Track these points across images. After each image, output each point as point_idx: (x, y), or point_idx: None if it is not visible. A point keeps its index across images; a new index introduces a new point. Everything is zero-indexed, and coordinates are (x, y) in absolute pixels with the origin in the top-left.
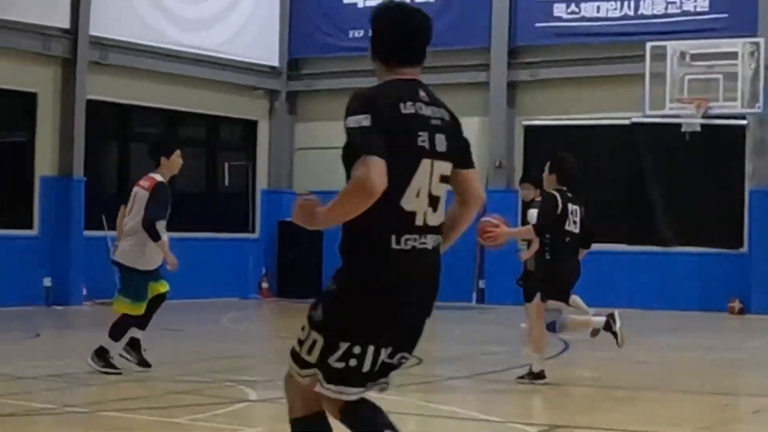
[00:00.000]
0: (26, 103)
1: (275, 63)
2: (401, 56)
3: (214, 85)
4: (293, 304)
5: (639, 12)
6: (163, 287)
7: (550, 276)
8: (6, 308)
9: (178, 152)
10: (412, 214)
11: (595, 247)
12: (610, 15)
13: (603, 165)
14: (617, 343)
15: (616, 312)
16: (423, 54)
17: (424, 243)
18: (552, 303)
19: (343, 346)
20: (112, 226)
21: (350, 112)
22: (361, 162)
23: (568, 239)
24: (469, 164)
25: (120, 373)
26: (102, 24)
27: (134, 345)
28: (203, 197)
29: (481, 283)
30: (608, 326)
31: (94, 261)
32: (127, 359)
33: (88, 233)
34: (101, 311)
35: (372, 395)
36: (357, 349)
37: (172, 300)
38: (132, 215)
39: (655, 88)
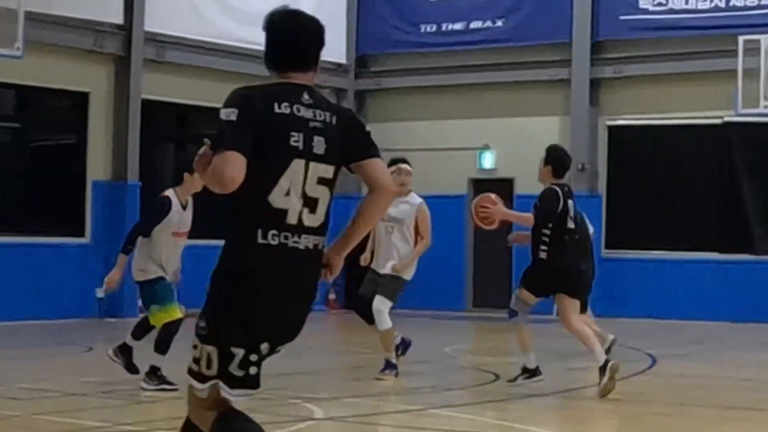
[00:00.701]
0: (78, 103)
1: (342, 60)
2: (289, 61)
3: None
4: (345, 313)
5: (731, 3)
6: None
7: (541, 274)
8: (58, 321)
9: None
10: (283, 212)
11: (682, 255)
12: (699, 7)
13: (692, 167)
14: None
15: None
16: (310, 59)
17: (296, 242)
18: (527, 295)
19: (238, 352)
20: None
21: (224, 105)
22: (218, 154)
23: (567, 237)
24: (368, 154)
25: (177, 389)
26: (157, 19)
27: (124, 350)
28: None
29: None
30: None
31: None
32: (113, 360)
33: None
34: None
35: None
36: (253, 357)
37: None
38: None
39: (748, 85)
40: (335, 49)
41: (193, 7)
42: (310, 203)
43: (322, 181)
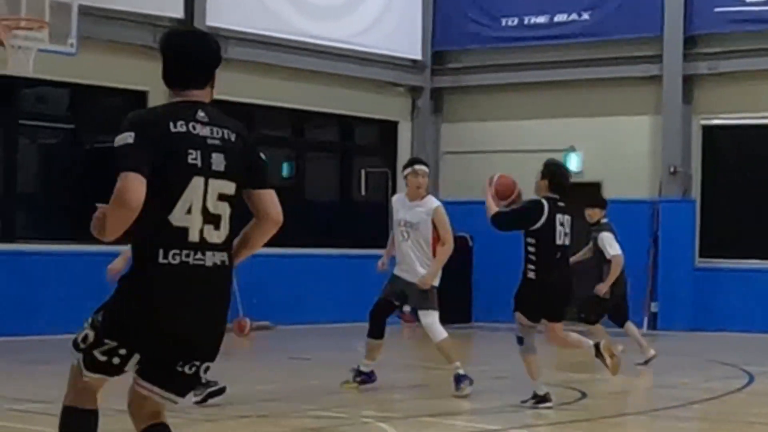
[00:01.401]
0: (135, 102)
1: (418, 56)
2: (182, 80)
3: (349, 82)
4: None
5: None
6: None
7: (532, 296)
8: None
9: None
10: (184, 230)
11: None
12: None
13: None
14: None
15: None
16: (204, 77)
17: (199, 259)
18: (523, 318)
19: (110, 343)
20: None
21: (119, 131)
22: (119, 177)
23: (558, 255)
24: (261, 184)
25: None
26: (219, 13)
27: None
28: (336, 208)
29: (653, 306)
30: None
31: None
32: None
33: None
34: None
35: None
36: (122, 351)
37: (298, 325)
38: None
39: None
40: (410, 44)
41: (258, 0)
42: (213, 220)
43: (223, 197)
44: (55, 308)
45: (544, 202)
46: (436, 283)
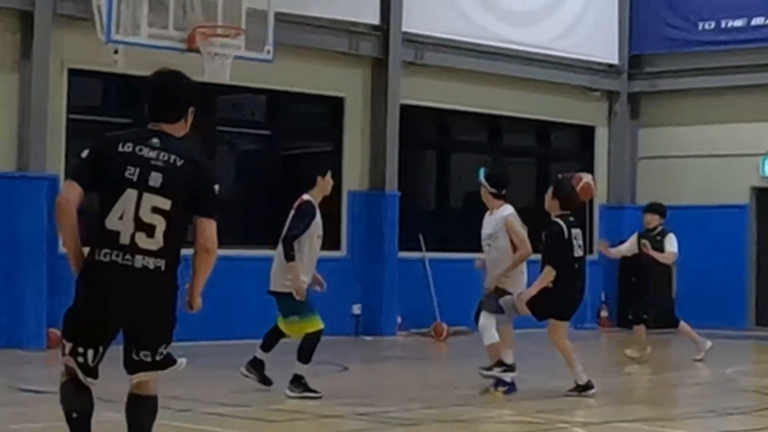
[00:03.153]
0: (333, 108)
1: (614, 60)
2: (152, 114)
3: (544, 87)
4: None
5: None
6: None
7: (546, 300)
8: None
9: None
10: (115, 233)
11: None
12: None
13: None
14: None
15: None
16: (172, 114)
17: (128, 260)
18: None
19: (68, 345)
20: (431, 247)
21: None
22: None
23: (576, 265)
24: (200, 212)
25: (320, 396)
26: (416, 19)
27: (255, 365)
28: (533, 212)
29: None
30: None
31: (410, 286)
32: (247, 376)
33: (402, 254)
34: (417, 342)
35: None
36: (81, 349)
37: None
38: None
39: None
40: (606, 49)
41: (454, 5)
42: (146, 228)
43: (156, 210)
44: (254, 313)
45: (561, 223)
46: (512, 289)
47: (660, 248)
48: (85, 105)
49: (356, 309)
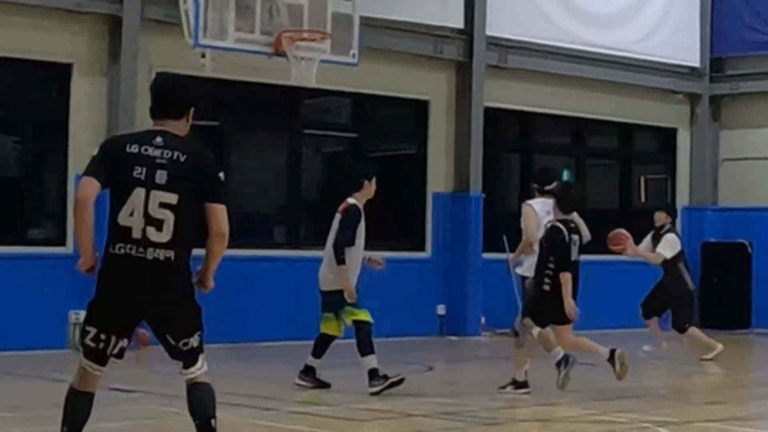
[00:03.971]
0: (417, 111)
1: (696, 63)
2: (155, 113)
3: (627, 89)
4: (716, 334)
5: None
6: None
7: (543, 305)
8: (397, 338)
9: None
10: (128, 229)
11: None
12: None
13: None
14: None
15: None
16: (173, 112)
17: (141, 252)
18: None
19: (91, 330)
20: (515, 248)
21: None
22: (80, 181)
23: (573, 270)
24: (211, 199)
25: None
26: (500, 23)
27: (308, 372)
28: (615, 214)
29: None
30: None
31: (494, 286)
32: (302, 385)
33: (487, 256)
34: (501, 343)
35: None
36: (103, 336)
37: (587, 330)
38: (328, 243)
39: None
40: (688, 51)
41: (537, 9)
42: (155, 223)
43: (164, 205)
44: None
45: (562, 227)
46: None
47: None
48: None
49: (441, 309)
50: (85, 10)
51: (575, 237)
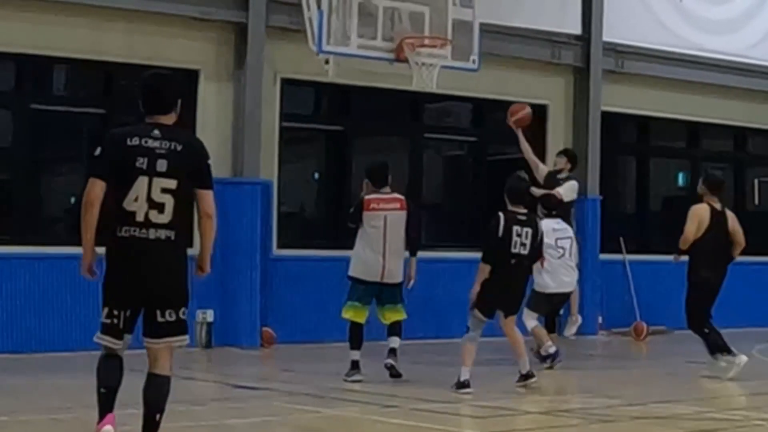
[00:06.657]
0: (536, 115)
1: None
2: (147, 108)
3: (740, 93)
4: None
5: None
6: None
7: (488, 296)
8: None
9: None
10: (133, 213)
11: None
12: None
13: None
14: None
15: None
16: (164, 107)
17: (144, 233)
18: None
19: (105, 309)
20: (631, 249)
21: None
22: (89, 181)
23: (513, 261)
24: (201, 185)
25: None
26: (616, 29)
27: (354, 366)
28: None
29: None
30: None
31: (611, 287)
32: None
33: (603, 257)
34: (617, 342)
35: None
36: (115, 311)
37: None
38: (391, 238)
39: None
40: None
41: (652, 15)
42: (157, 206)
43: (165, 190)
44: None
45: (501, 216)
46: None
47: None
48: (297, 113)
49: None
50: (212, 18)
51: (523, 230)
